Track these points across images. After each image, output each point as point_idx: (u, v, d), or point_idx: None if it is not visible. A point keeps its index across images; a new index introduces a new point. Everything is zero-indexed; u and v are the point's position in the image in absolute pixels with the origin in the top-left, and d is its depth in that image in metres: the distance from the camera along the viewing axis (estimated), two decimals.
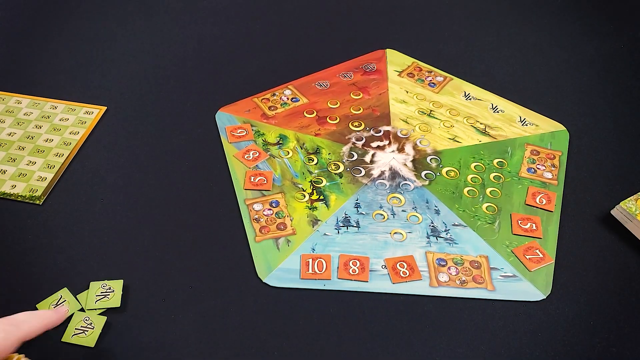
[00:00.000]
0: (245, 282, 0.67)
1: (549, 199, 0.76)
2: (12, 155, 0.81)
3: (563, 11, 1.10)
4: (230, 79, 0.94)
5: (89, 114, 0.87)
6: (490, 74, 0.96)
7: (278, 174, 0.79)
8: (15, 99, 0.89)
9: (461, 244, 0.71)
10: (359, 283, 0.67)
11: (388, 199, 0.76)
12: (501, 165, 0.81)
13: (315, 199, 0.76)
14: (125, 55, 0.98)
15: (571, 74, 0.96)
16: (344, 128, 0.86)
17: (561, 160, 0.82)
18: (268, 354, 0.61)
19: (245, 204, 0.75)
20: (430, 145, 0.83)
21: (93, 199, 0.76)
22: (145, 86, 0.92)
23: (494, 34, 1.04)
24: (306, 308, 0.65)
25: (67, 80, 0.93)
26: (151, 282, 0.67)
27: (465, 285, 0.67)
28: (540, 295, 0.66)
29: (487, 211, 0.75)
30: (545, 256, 0.70)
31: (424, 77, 0.95)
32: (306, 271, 0.68)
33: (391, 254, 0.70)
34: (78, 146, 0.82)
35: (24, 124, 0.85)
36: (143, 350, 0.61)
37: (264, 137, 0.84)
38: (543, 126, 0.87)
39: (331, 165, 0.80)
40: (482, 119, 0.88)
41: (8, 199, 0.75)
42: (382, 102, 0.90)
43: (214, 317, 0.64)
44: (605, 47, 1.02)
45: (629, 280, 0.68)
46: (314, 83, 0.93)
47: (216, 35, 1.02)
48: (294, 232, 0.72)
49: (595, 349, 0.62)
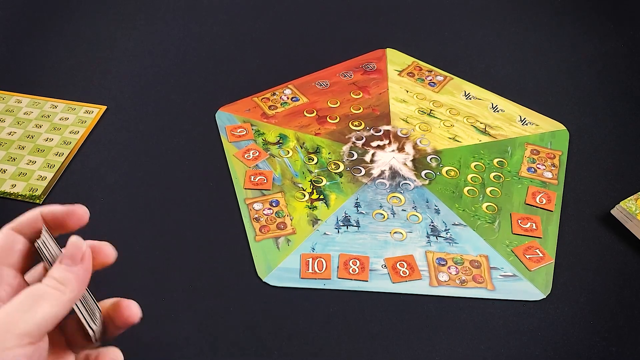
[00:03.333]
0: (245, 281, 0.67)
1: (549, 198, 0.76)
2: (12, 154, 0.81)
3: (563, 11, 1.10)
4: (230, 78, 0.94)
5: (89, 113, 0.87)
6: (491, 73, 0.96)
7: (278, 173, 0.79)
8: (15, 98, 0.89)
9: (461, 244, 0.71)
10: (359, 282, 0.67)
11: (388, 199, 0.76)
12: (501, 165, 0.81)
13: (315, 199, 0.76)
14: (125, 54, 0.98)
15: (571, 74, 0.96)
16: (344, 127, 0.86)
17: (561, 159, 0.82)
18: (268, 354, 0.61)
19: (245, 203, 0.75)
20: (430, 145, 0.83)
21: (93, 198, 0.76)
22: (145, 85, 0.92)
23: (494, 34, 1.04)
24: (306, 307, 0.65)
25: (67, 79, 0.93)
26: (151, 282, 0.67)
27: (465, 284, 0.67)
28: (540, 294, 0.66)
29: (487, 211, 0.75)
30: (545, 256, 0.70)
31: (424, 77, 0.95)
32: (306, 270, 0.68)
33: (391, 253, 0.70)
34: (78, 145, 0.82)
35: (24, 123, 0.85)
36: (143, 349, 0.61)
37: (264, 137, 0.84)
38: (543, 126, 0.87)
39: (331, 164, 0.80)
40: (482, 118, 0.88)
41: (8, 198, 0.75)
42: (382, 102, 0.90)
43: (213, 316, 0.64)
44: (605, 47, 1.02)
45: (628, 280, 0.68)
46: (314, 82, 0.93)
47: (216, 34, 1.02)
48: (294, 232, 0.72)
49: (595, 348, 0.62)
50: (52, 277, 0.37)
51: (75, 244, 0.38)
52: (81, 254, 0.38)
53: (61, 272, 0.37)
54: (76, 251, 0.38)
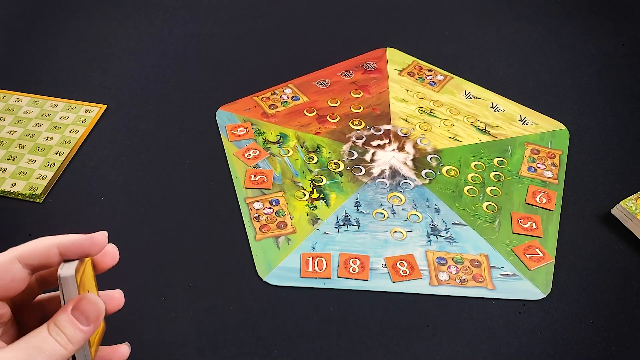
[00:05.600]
0: (245, 280, 0.67)
1: (549, 198, 0.76)
2: (12, 153, 0.81)
3: (563, 11, 1.10)
4: (231, 78, 0.94)
5: (89, 112, 0.87)
6: (491, 72, 0.96)
7: (278, 172, 0.79)
8: (16, 97, 0.89)
9: (461, 243, 0.71)
10: (359, 282, 0.67)
11: (388, 198, 0.76)
12: (501, 164, 0.81)
13: (315, 198, 0.76)
14: (126, 53, 0.98)
15: (571, 73, 0.96)
16: (344, 127, 0.86)
17: (561, 159, 0.82)
18: (268, 353, 0.61)
19: (246, 202, 0.75)
20: (430, 144, 0.83)
21: (93, 198, 0.76)
22: (146, 84, 0.92)
23: (494, 33, 1.04)
24: (306, 307, 0.65)
25: (68, 78, 0.93)
26: (151, 281, 0.67)
27: (465, 284, 0.67)
28: (540, 294, 0.66)
29: (487, 210, 0.75)
30: (545, 255, 0.70)
31: (424, 76, 0.95)
32: (306, 270, 0.68)
33: (391, 252, 0.70)
34: (78, 144, 0.82)
35: (24, 122, 0.85)
36: (143, 349, 0.61)
37: (264, 136, 0.84)
38: (543, 125, 0.87)
39: (331, 163, 0.80)
40: (483, 117, 0.88)
41: (8, 197, 0.75)
42: (382, 101, 0.90)
43: (214, 315, 0.64)
44: (605, 46, 1.02)
45: (628, 279, 0.68)
46: (315, 82, 0.93)
47: (216, 33, 1.02)
48: (294, 231, 0.72)
49: (595, 348, 0.62)
50: (61, 331, 0.35)
51: (95, 303, 0.36)
52: (97, 313, 0.36)
53: (72, 330, 0.35)
54: (93, 310, 0.36)
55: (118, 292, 0.41)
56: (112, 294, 0.41)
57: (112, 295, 0.41)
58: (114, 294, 0.41)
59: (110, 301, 0.40)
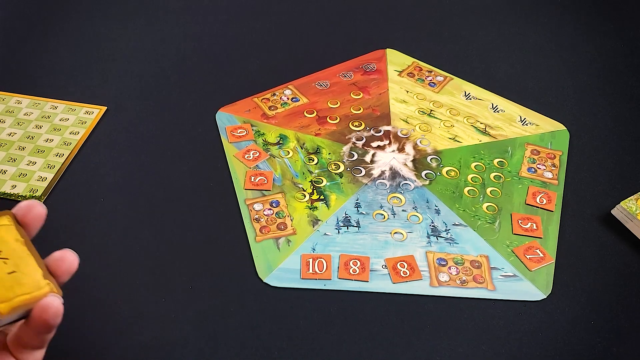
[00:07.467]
0: (245, 282, 0.67)
1: (550, 198, 0.76)
2: (13, 155, 0.81)
3: (563, 11, 1.10)
4: (231, 79, 0.94)
5: (89, 114, 0.87)
6: (491, 73, 0.96)
7: (278, 173, 0.79)
8: (16, 99, 0.89)
9: (461, 244, 0.71)
10: (360, 283, 0.67)
11: (388, 199, 0.76)
12: (501, 165, 0.81)
13: (315, 199, 0.76)
14: (126, 55, 0.98)
15: (571, 74, 0.96)
16: (344, 128, 0.86)
17: (561, 159, 0.82)
18: (268, 354, 0.61)
19: (246, 203, 0.75)
20: (430, 145, 0.83)
21: (93, 199, 0.76)
22: (145, 86, 0.92)
23: (494, 34, 1.04)
24: (306, 308, 0.65)
25: (67, 80, 0.93)
26: (151, 282, 0.67)
27: (466, 285, 0.67)
28: (541, 295, 0.66)
29: (488, 211, 0.75)
30: (545, 256, 0.70)
31: (424, 77, 0.95)
32: (306, 271, 0.68)
33: (391, 253, 0.70)
34: (78, 146, 0.82)
35: (24, 124, 0.85)
36: (143, 349, 0.61)
37: (264, 137, 0.84)
38: (543, 126, 0.87)
39: (331, 165, 0.80)
40: (483, 118, 0.88)
41: (8, 199, 0.75)
42: (382, 102, 0.90)
43: (214, 317, 0.64)
44: (605, 47, 1.02)
45: (629, 280, 0.68)
46: (314, 83, 0.93)
47: (216, 34, 1.02)
48: (294, 232, 0.72)
49: (595, 348, 0.62)
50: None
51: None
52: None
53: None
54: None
55: (69, 251, 0.37)
56: (62, 254, 0.37)
57: (63, 256, 0.37)
58: (65, 255, 0.37)
59: (61, 264, 0.37)
